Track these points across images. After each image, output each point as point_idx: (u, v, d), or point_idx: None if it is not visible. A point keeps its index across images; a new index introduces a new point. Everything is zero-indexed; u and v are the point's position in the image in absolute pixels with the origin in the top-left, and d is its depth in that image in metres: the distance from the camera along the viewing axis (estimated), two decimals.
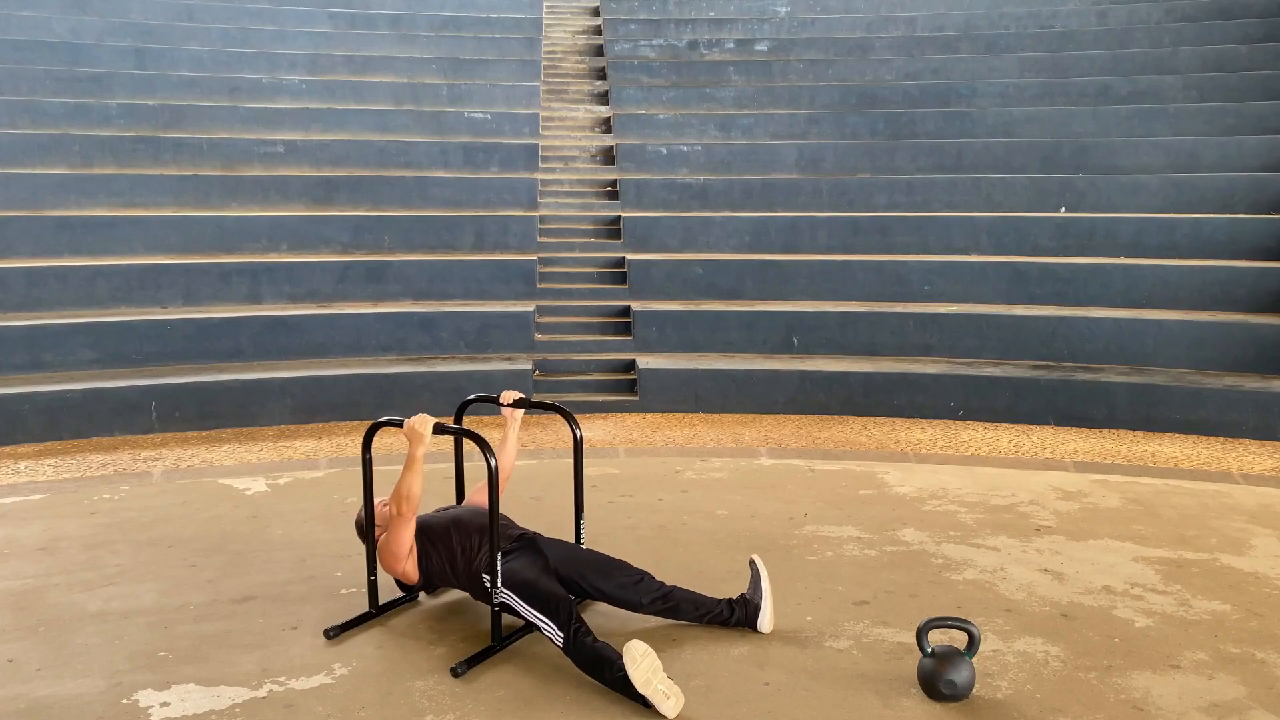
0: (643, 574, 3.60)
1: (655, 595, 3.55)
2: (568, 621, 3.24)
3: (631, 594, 3.55)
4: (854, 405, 7.58)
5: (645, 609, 3.56)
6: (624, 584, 3.56)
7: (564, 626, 3.24)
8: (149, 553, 4.49)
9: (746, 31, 13.93)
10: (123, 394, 6.98)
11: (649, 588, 3.56)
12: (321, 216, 9.54)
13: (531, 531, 3.73)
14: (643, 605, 3.55)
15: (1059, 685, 3.24)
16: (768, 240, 9.60)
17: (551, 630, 3.27)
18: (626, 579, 3.57)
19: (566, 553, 3.64)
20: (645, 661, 3.02)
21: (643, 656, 3.02)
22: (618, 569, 3.59)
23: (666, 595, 3.56)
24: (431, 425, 3.48)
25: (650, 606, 3.55)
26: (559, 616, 3.27)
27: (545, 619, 3.29)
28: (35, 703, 3.16)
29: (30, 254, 8.62)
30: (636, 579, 3.57)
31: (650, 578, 3.60)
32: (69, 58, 11.56)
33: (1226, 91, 11.25)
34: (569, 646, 3.22)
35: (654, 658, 3.05)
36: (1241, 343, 7.59)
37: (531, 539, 3.65)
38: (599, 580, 3.56)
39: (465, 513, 3.74)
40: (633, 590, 3.55)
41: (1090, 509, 5.12)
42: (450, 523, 3.68)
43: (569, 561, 3.59)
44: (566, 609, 3.28)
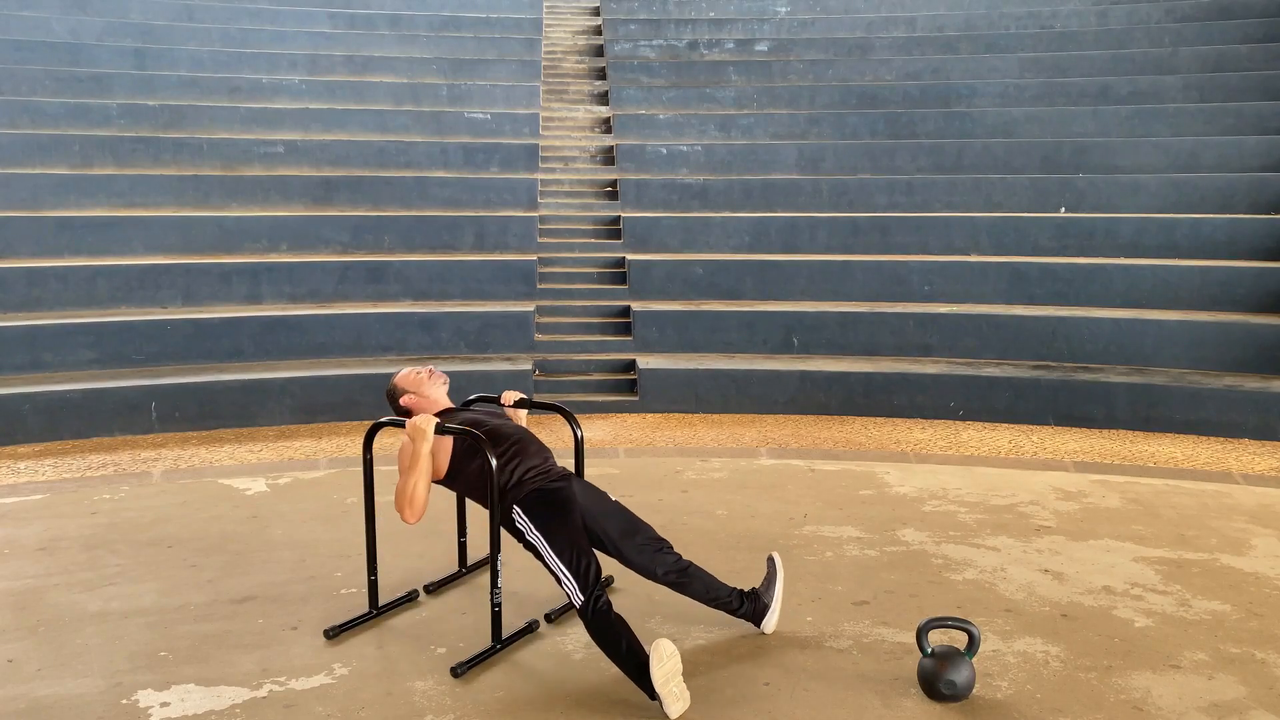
0: (664, 542, 3.50)
1: (672, 567, 3.46)
2: (592, 586, 3.17)
3: (648, 559, 3.45)
4: (854, 405, 7.58)
5: (659, 578, 3.46)
6: (644, 547, 3.45)
7: (586, 590, 3.16)
8: (149, 553, 4.49)
9: (746, 31, 13.93)
10: (123, 394, 6.98)
11: (668, 558, 3.46)
12: (321, 216, 9.54)
13: (568, 470, 3.62)
14: (657, 574, 3.46)
15: (1059, 685, 3.24)
16: (768, 240, 9.60)
17: (571, 588, 3.19)
18: (647, 543, 3.47)
19: (596, 501, 3.52)
20: (670, 663, 3.02)
21: (669, 657, 3.02)
22: (641, 531, 3.49)
23: (684, 570, 3.47)
24: (434, 424, 3.47)
25: (664, 577, 3.46)
26: (585, 578, 3.18)
27: (568, 573, 3.20)
28: (35, 703, 3.16)
29: (30, 254, 8.62)
30: (657, 546, 3.47)
31: (670, 548, 3.50)
32: (69, 58, 11.56)
33: (1226, 91, 11.25)
34: (585, 610, 3.15)
35: (678, 661, 3.04)
36: (1241, 343, 7.60)
37: (569, 476, 3.54)
38: (620, 539, 3.45)
39: (528, 435, 3.63)
40: (651, 556, 3.45)
41: (1090, 509, 5.12)
42: (518, 432, 3.57)
43: (596, 511, 3.47)
44: (596, 573, 3.20)
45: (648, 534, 3.50)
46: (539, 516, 3.34)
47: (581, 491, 3.52)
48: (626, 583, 3.95)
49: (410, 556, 4.35)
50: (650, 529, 3.53)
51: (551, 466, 3.55)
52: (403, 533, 4.28)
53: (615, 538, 3.45)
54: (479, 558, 4.15)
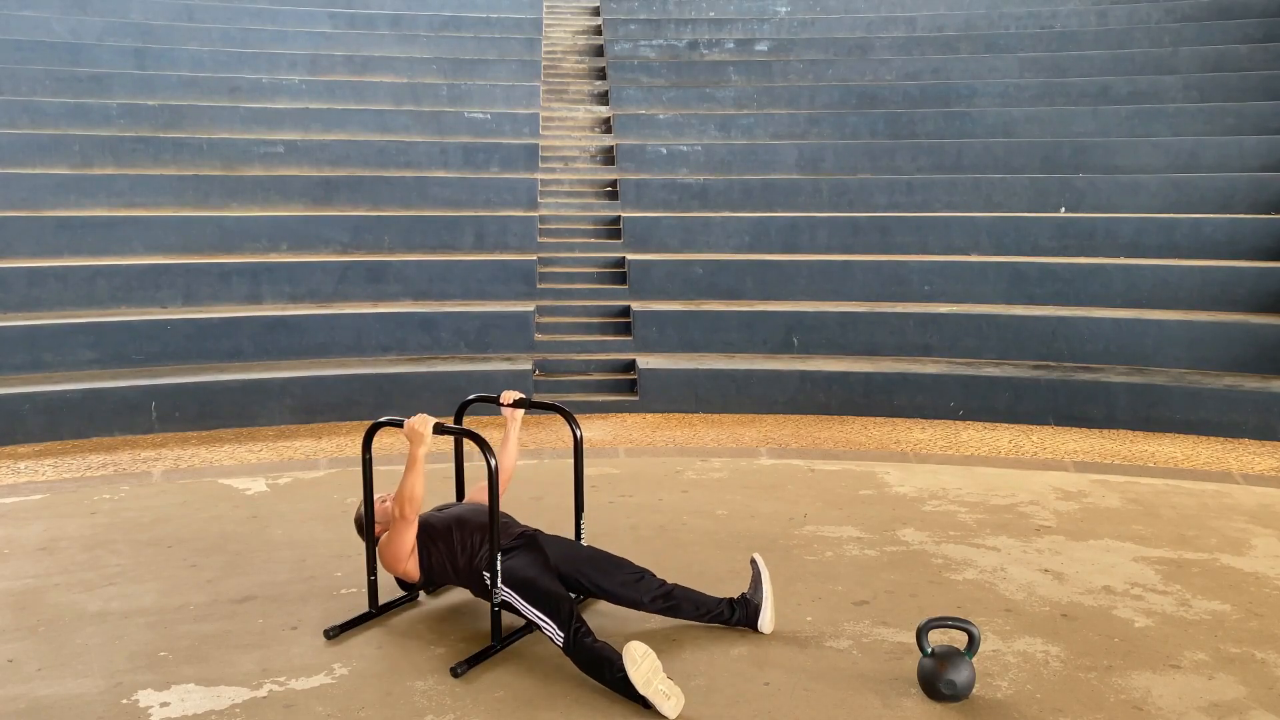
0: (644, 572, 3.59)
1: (656, 593, 3.54)
2: (568, 621, 3.24)
3: (632, 592, 3.54)
4: (854, 405, 7.58)
5: (646, 607, 3.54)
6: (625, 581, 3.54)
7: (564, 626, 3.23)
8: (149, 553, 4.49)
9: (746, 31, 13.93)
10: (123, 394, 6.98)
11: (650, 585, 3.55)
12: (321, 216, 9.54)
13: (532, 529, 3.72)
14: (644, 603, 3.54)
15: (1059, 685, 3.24)
16: (768, 240, 9.60)
17: (552, 629, 3.27)
18: (627, 576, 3.56)
19: (567, 550, 3.64)
20: (645, 662, 3.02)
21: (643, 658, 3.02)
22: (618, 567, 3.58)
23: (668, 594, 3.55)
24: (432, 425, 3.48)
25: (651, 605, 3.54)
26: (559, 616, 3.26)
27: (546, 618, 3.29)
28: (35, 703, 3.16)
29: (30, 254, 8.62)
30: (637, 577, 3.56)
31: (651, 575, 3.59)
32: (69, 58, 11.56)
33: (1226, 91, 11.25)
34: (569, 646, 3.22)
35: (654, 658, 3.05)
36: (1241, 343, 7.60)
37: (532, 536, 3.65)
38: (600, 578, 3.55)
39: (467, 510, 3.74)
40: (633, 588, 3.54)
41: (1090, 509, 5.12)
42: (452, 521, 3.67)
43: (569, 559, 3.58)
44: (568, 608, 3.28)
45: (626, 569, 3.58)
46: (506, 573, 3.43)
47: (550, 544, 3.62)
48: None
49: None
50: (628, 563, 3.61)
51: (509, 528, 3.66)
52: None
53: (597, 579, 3.55)
54: None
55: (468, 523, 3.65)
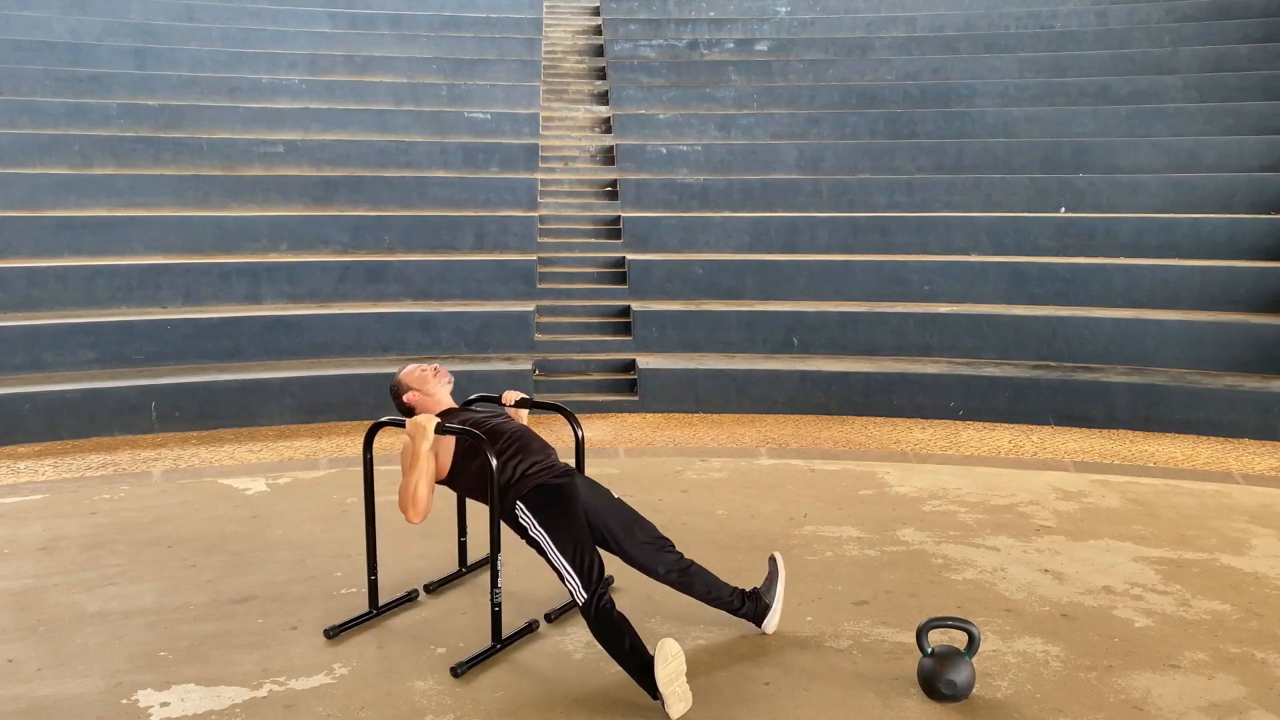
0: (666, 541, 3.50)
1: (674, 566, 3.45)
2: (595, 583, 3.17)
3: (650, 559, 3.44)
4: (854, 405, 7.58)
5: (660, 577, 3.46)
6: (646, 546, 3.45)
7: (589, 587, 3.16)
8: (149, 553, 4.49)
9: (746, 31, 13.93)
10: (123, 394, 6.98)
11: (669, 557, 3.46)
12: (321, 216, 9.54)
13: (571, 468, 3.60)
14: (658, 572, 3.45)
15: (1059, 685, 3.24)
16: (768, 240, 9.60)
17: (574, 585, 3.18)
18: (649, 541, 3.46)
19: (599, 498, 3.51)
20: (675, 663, 3.01)
21: (674, 658, 3.01)
22: (643, 528, 3.49)
23: (685, 569, 3.46)
24: (434, 424, 3.47)
25: (666, 576, 3.46)
26: (587, 575, 3.18)
27: (571, 571, 3.20)
28: (35, 703, 3.16)
29: (30, 254, 8.62)
30: (659, 545, 3.47)
31: (672, 547, 3.50)
32: (69, 58, 11.56)
33: (1226, 91, 11.25)
34: (589, 608, 3.15)
35: (682, 661, 3.03)
36: (1241, 343, 7.60)
37: (572, 474, 3.52)
38: (622, 535, 3.44)
39: (530, 434, 3.61)
40: (652, 555, 3.45)
41: (1090, 509, 5.12)
42: (518, 433, 3.54)
43: (598, 509, 3.46)
44: (599, 571, 3.20)
45: (650, 532, 3.49)
46: (542, 512, 3.34)
47: (584, 488, 3.51)
48: (628, 582, 3.95)
49: (410, 556, 4.35)
50: (652, 527, 3.53)
51: (554, 462, 3.54)
52: (403, 533, 4.29)
53: (618, 534, 3.44)
54: (479, 557, 4.15)
55: (530, 441, 3.53)
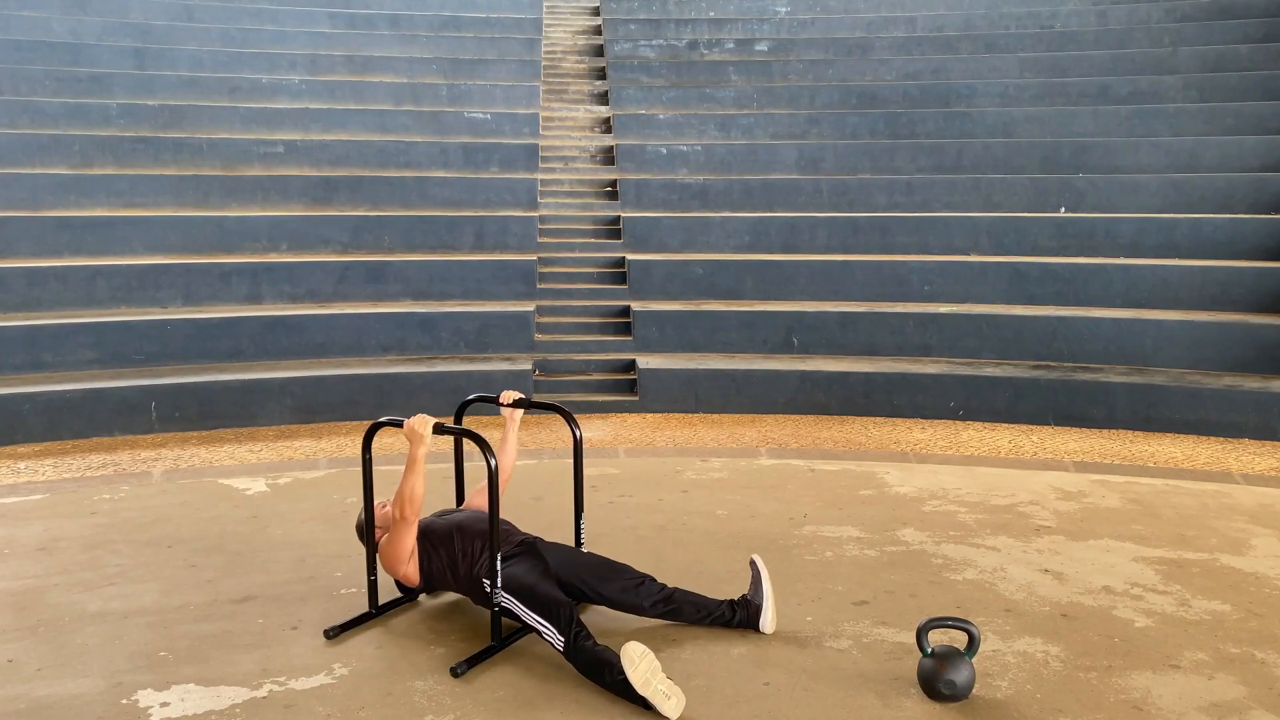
0: (644, 577, 3.59)
1: (657, 598, 3.55)
2: (568, 626, 3.24)
3: (633, 597, 3.54)
4: (854, 405, 7.58)
5: (647, 612, 3.56)
6: (625, 588, 3.55)
7: (564, 631, 3.24)
8: (149, 553, 4.49)
9: (746, 31, 13.93)
10: (123, 394, 6.98)
11: (650, 591, 3.56)
12: (321, 216, 9.54)
13: (533, 536, 3.73)
14: (644, 609, 3.55)
15: (1059, 685, 3.24)
16: (768, 240, 9.60)
17: (552, 634, 3.27)
18: (628, 582, 3.56)
19: (567, 557, 3.63)
20: (644, 663, 3.02)
21: (641, 658, 3.02)
22: (619, 573, 3.59)
23: (669, 598, 3.56)
24: (432, 425, 3.48)
25: (652, 610, 3.55)
26: (559, 621, 3.27)
27: (546, 623, 3.30)
28: (35, 703, 3.16)
29: (30, 254, 8.62)
30: (637, 582, 3.57)
31: (652, 580, 3.59)
32: (69, 58, 11.56)
33: (1226, 91, 11.25)
34: (569, 651, 3.22)
35: (652, 658, 3.05)
36: (1241, 343, 7.59)
37: (532, 543, 3.65)
38: (600, 585, 3.55)
39: (467, 518, 3.74)
40: (634, 594, 3.54)
41: (1090, 509, 5.12)
42: (453, 528, 3.68)
43: (570, 566, 3.58)
44: (567, 613, 3.28)
45: (626, 574, 3.59)
46: (507, 581, 3.44)
47: (550, 550, 3.63)
48: None
49: None
50: (629, 569, 3.61)
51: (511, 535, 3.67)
52: None
53: (595, 585, 3.55)
54: None
55: (468, 530, 3.65)
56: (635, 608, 3.55)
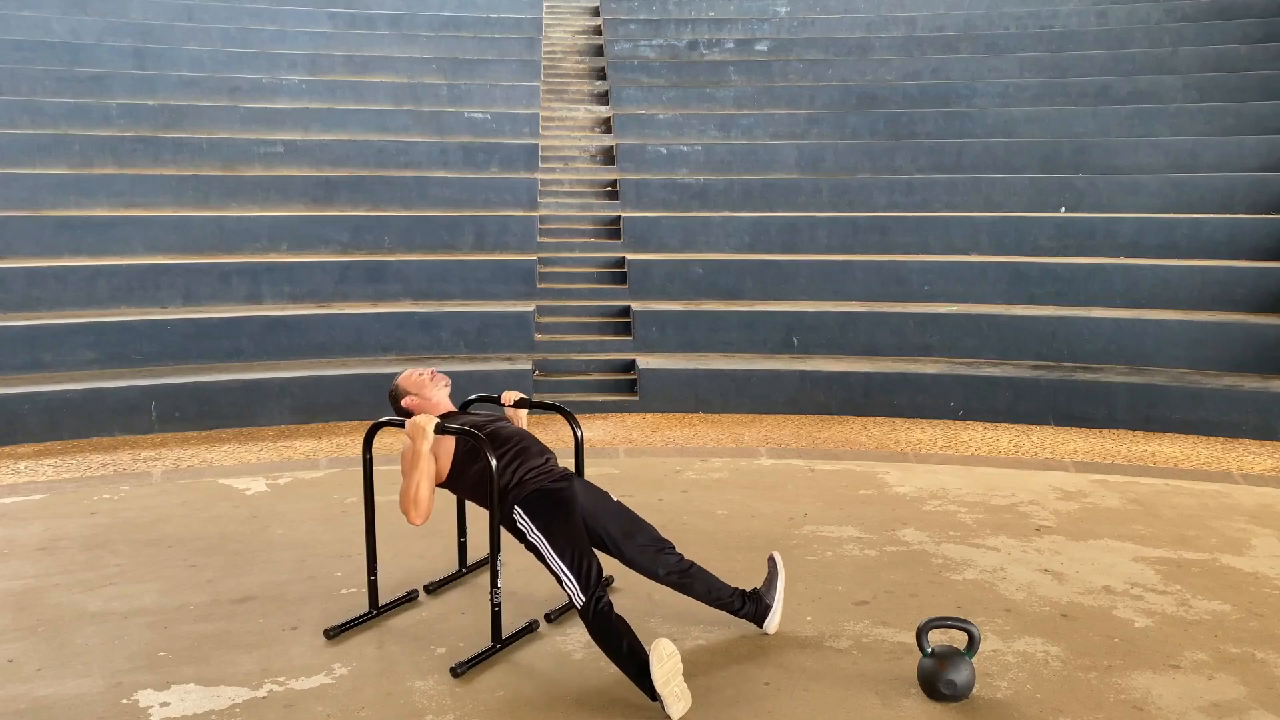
0: (666, 543, 3.50)
1: (674, 568, 3.45)
2: (594, 586, 3.17)
3: (650, 561, 3.45)
4: (854, 405, 7.58)
5: (660, 578, 3.46)
6: (645, 548, 3.45)
7: (586, 590, 3.16)
8: (149, 553, 4.49)
9: (746, 31, 13.93)
10: (123, 394, 6.98)
11: (668, 559, 3.46)
12: (321, 216, 9.54)
13: (571, 472, 3.61)
14: (658, 574, 3.46)
15: (1059, 685, 3.24)
16: (768, 240, 9.60)
17: (573, 588, 3.19)
18: (649, 544, 3.46)
19: (597, 503, 3.51)
20: (670, 662, 3.01)
21: (669, 656, 3.01)
22: (642, 531, 3.49)
23: (685, 570, 3.46)
24: (434, 424, 3.47)
25: (666, 578, 3.46)
26: (584, 577, 3.18)
27: (569, 574, 3.20)
28: (35, 703, 3.16)
29: (30, 254, 8.62)
30: (659, 547, 3.47)
31: (672, 548, 3.50)
32: (69, 58, 11.56)
33: (1226, 91, 11.25)
34: (587, 611, 3.15)
35: (678, 660, 3.03)
36: (1241, 343, 7.59)
37: (571, 478, 3.52)
38: (622, 539, 3.44)
39: (530, 438, 3.62)
40: (652, 557, 3.45)
41: (1090, 509, 5.12)
42: (517, 436, 3.55)
43: (597, 512, 3.46)
44: (598, 573, 3.20)
45: (649, 534, 3.49)
46: (540, 516, 3.34)
47: (583, 491, 3.51)
48: (627, 583, 3.95)
49: (410, 556, 4.35)
50: (652, 529, 3.53)
51: (553, 467, 3.55)
52: (403, 533, 4.28)
53: (617, 538, 3.44)
54: (479, 558, 4.15)
55: (530, 449, 3.53)
56: (649, 571, 3.46)
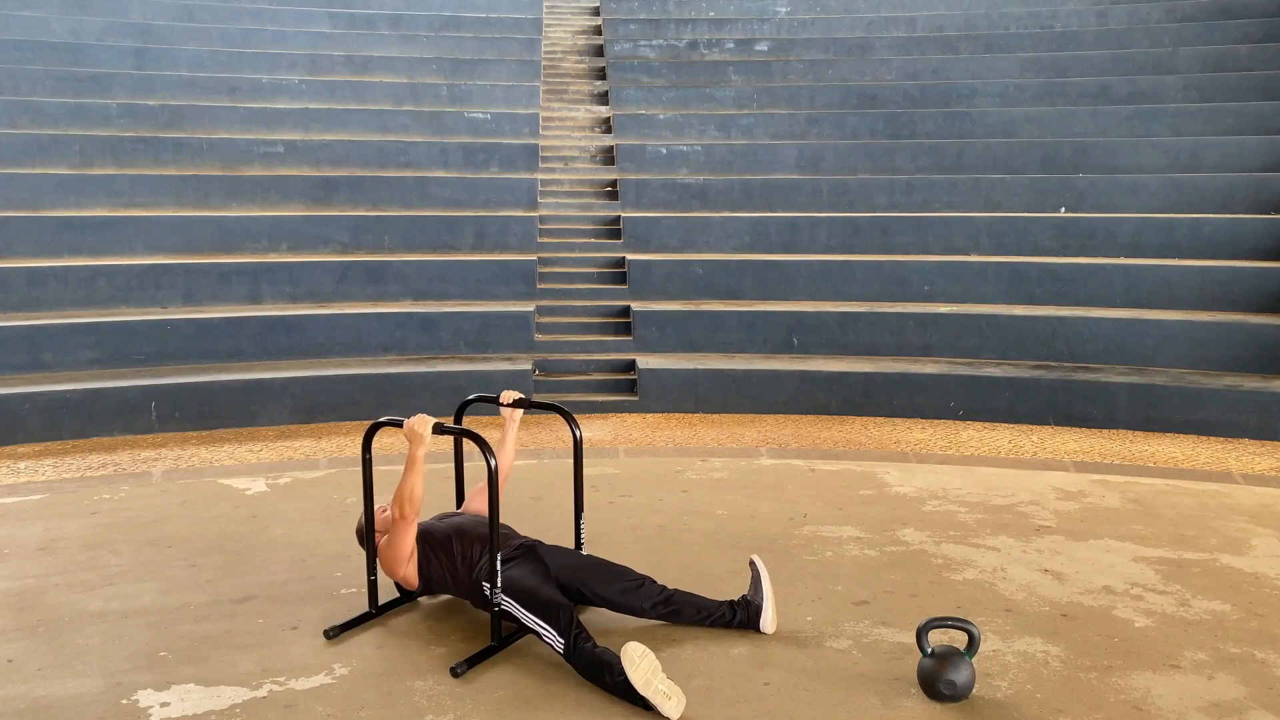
0: (644, 579, 3.59)
1: (657, 599, 3.55)
2: (568, 628, 3.25)
3: (633, 599, 3.55)
4: (854, 405, 7.58)
5: (648, 614, 3.56)
6: (626, 589, 3.55)
7: (564, 633, 3.24)
8: (149, 553, 4.49)
9: (746, 31, 13.93)
10: (123, 394, 6.98)
11: (650, 592, 3.56)
12: (321, 216, 9.54)
13: (532, 539, 3.73)
14: (645, 610, 3.55)
15: (1059, 685, 3.24)
16: (768, 240, 9.60)
17: (552, 637, 3.28)
18: (628, 584, 3.56)
19: (567, 559, 3.64)
20: (644, 663, 3.02)
21: (641, 658, 3.02)
22: (619, 575, 3.59)
23: (668, 599, 3.56)
24: (431, 425, 3.48)
25: (652, 611, 3.55)
26: (559, 623, 3.27)
27: (546, 626, 3.30)
28: (35, 703, 3.16)
29: (30, 254, 8.62)
30: (637, 584, 3.57)
31: (652, 582, 3.59)
32: (69, 58, 11.56)
33: (1226, 91, 11.25)
34: (569, 653, 3.23)
35: (652, 658, 3.05)
36: (1241, 343, 7.59)
37: (531, 546, 3.66)
38: (600, 586, 3.55)
39: (467, 521, 3.74)
40: (634, 595, 3.55)
41: (1090, 509, 5.12)
42: (453, 531, 3.68)
43: (570, 568, 3.58)
44: (567, 615, 3.28)
45: (627, 576, 3.59)
46: (507, 583, 3.45)
47: (551, 553, 3.63)
48: None
49: None
50: (629, 570, 3.62)
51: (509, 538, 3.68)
52: None
53: (595, 588, 3.55)
54: None
55: (467, 533, 3.66)
56: (635, 609, 3.56)
